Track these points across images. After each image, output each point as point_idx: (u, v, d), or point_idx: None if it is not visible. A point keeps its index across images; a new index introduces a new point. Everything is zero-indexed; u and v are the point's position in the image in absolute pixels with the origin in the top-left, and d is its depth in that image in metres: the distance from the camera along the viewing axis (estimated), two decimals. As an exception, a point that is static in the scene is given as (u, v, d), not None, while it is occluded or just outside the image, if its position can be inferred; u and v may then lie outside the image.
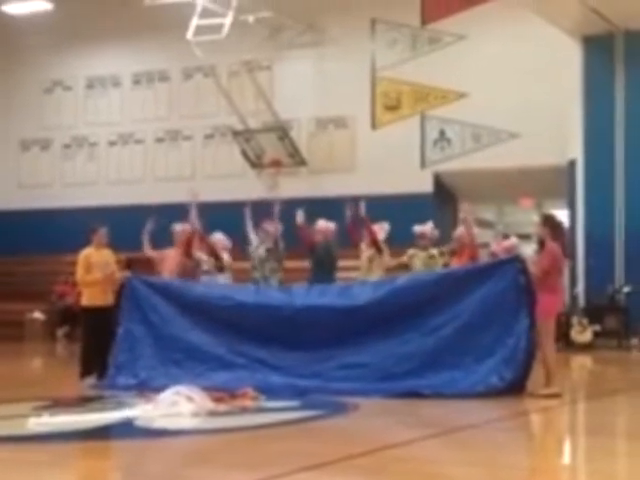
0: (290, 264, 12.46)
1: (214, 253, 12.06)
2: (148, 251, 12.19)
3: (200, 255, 12.07)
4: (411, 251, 11.87)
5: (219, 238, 12.33)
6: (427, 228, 11.94)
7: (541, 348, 9.95)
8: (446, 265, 11.67)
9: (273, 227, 12.14)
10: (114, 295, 11.44)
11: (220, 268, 12.07)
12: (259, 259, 11.98)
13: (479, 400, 9.51)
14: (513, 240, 10.87)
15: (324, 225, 12.37)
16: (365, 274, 11.92)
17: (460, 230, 11.62)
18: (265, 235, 12.08)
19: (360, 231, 12.16)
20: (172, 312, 11.20)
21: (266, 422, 8.26)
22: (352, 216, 12.26)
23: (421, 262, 11.74)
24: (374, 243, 11.94)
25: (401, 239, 12.17)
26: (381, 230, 12.14)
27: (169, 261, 11.94)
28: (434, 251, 11.72)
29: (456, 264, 11.28)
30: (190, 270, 11.93)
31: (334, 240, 12.32)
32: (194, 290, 11.46)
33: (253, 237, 12.23)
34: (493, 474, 6.33)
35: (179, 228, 12.15)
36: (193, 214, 12.02)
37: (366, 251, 12.03)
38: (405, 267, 11.87)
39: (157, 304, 11.23)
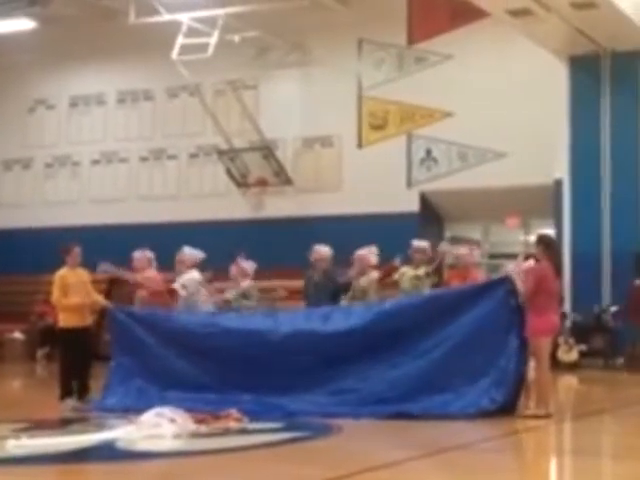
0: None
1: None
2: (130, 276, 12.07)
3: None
4: (403, 269, 11.80)
5: (189, 253, 12.17)
6: (426, 244, 11.90)
7: (536, 369, 9.90)
8: (435, 286, 11.60)
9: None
10: (94, 316, 11.33)
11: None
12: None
13: (467, 421, 9.46)
14: (530, 262, 10.77)
15: (325, 251, 12.23)
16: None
17: (463, 249, 11.57)
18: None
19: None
20: (155, 342, 11.11)
21: (249, 444, 8.17)
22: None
23: (408, 282, 11.67)
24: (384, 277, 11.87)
25: (387, 259, 12.06)
26: (372, 255, 12.03)
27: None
28: (420, 271, 11.63)
29: (456, 284, 11.22)
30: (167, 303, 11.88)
31: (333, 265, 12.20)
32: (177, 319, 11.38)
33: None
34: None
35: (138, 255, 11.97)
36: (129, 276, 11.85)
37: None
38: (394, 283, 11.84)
39: (141, 335, 11.15)
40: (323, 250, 12.28)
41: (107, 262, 11.80)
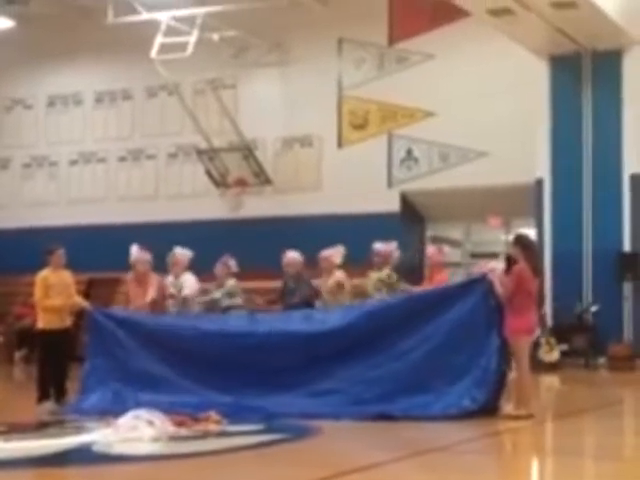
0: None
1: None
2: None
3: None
4: (371, 273, 11.78)
5: (181, 253, 12.10)
6: (381, 246, 11.79)
7: (516, 369, 9.90)
8: (402, 290, 11.52)
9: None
10: (73, 318, 11.24)
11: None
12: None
13: (449, 422, 9.43)
14: (493, 263, 10.79)
15: (294, 258, 12.16)
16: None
17: (430, 250, 11.56)
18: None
19: None
20: (135, 345, 11.05)
21: (229, 446, 8.12)
22: None
23: (372, 285, 11.64)
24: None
25: (367, 259, 11.99)
26: (337, 255, 11.97)
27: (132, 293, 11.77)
28: (384, 274, 11.57)
29: (426, 286, 11.22)
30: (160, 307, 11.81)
31: (305, 272, 12.12)
32: (157, 321, 11.35)
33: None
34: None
35: (136, 254, 11.84)
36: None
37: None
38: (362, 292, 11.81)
39: (120, 337, 11.07)
40: (290, 255, 12.22)
41: None
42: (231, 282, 12.18)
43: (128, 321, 11.22)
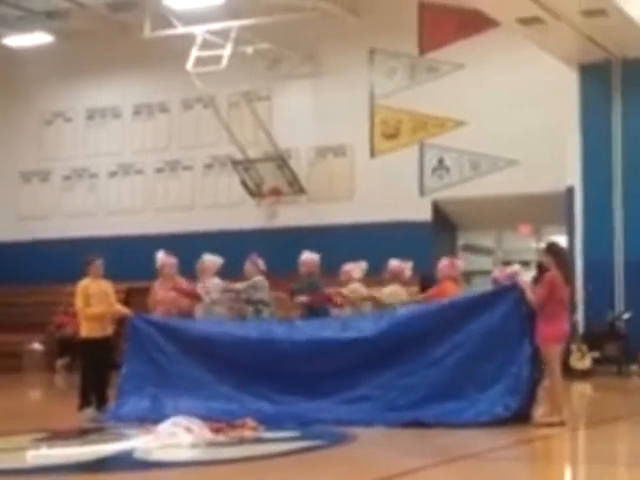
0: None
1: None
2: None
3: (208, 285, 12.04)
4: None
5: (210, 259, 12.26)
6: (395, 263, 11.90)
7: (548, 376, 9.95)
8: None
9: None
10: (114, 326, 11.45)
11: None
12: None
13: (482, 429, 9.46)
14: (515, 267, 10.87)
15: (308, 258, 12.33)
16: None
17: (442, 262, 11.59)
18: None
19: None
20: (175, 350, 11.17)
21: (265, 453, 8.22)
22: None
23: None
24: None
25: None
26: (358, 269, 12.11)
27: (159, 294, 11.93)
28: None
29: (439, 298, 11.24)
30: (186, 307, 11.96)
31: (318, 273, 12.27)
32: (196, 327, 11.47)
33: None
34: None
35: (163, 258, 12.01)
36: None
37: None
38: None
39: (160, 343, 11.20)
40: (305, 256, 12.30)
41: None
42: (258, 277, 12.26)
43: (168, 327, 11.34)
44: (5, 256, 23.04)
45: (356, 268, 12.09)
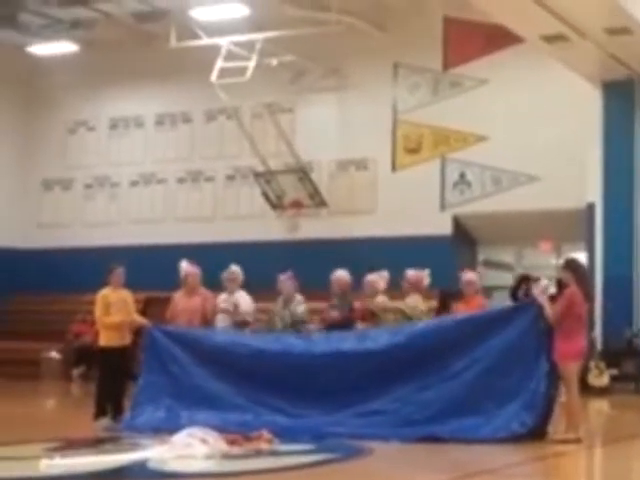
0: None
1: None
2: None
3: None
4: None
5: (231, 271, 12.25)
6: (412, 273, 11.85)
7: (565, 393, 9.92)
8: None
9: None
10: (131, 336, 11.49)
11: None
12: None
13: (498, 445, 9.45)
14: (544, 282, 10.80)
15: (342, 276, 12.23)
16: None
17: (469, 275, 11.57)
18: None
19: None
20: (191, 362, 11.19)
21: (280, 465, 8.23)
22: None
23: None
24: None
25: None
26: (382, 280, 12.07)
27: (180, 304, 11.93)
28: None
29: (462, 311, 11.24)
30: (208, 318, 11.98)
31: (350, 291, 12.25)
32: (213, 339, 11.47)
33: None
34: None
35: (187, 268, 12.00)
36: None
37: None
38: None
39: (177, 354, 11.22)
40: (338, 274, 12.08)
41: None
42: (299, 299, 12.01)
43: (185, 338, 11.35)
44: (25, 264, 23.15)
45: (380, 280, 12.01)
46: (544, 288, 10.40)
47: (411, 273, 11.83)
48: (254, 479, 7.80)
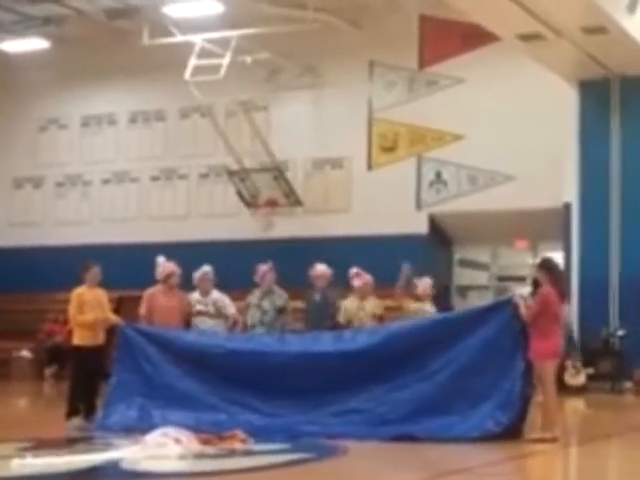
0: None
1: None
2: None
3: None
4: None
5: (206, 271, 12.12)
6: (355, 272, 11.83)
7: (542, 392, 9.90)
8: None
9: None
10: (105, 335, 11.37)
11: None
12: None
13: (473, 444, 9.43)
14: (524, 290, 10.81)
15: (324, 271, 12.16)
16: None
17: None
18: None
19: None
20: (164, 360, 11.09)
21: (254, 465, 8.15)
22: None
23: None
24: None
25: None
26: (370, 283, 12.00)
27: (160, 301, 11.78)
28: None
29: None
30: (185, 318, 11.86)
31: (332, 287, 12.15)
32: (186, 338, 11.37)
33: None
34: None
35: (170, 266, 11.86)
36: None
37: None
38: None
39: (150, 353, 11.12)
40: (320, 268, 12.10)
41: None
42: (280, 292, 11.99)
43: (159, 337, 11.25)
44: (-4, 262, 22.96)
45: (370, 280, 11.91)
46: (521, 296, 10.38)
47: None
48: (228, 479, 7.72)
